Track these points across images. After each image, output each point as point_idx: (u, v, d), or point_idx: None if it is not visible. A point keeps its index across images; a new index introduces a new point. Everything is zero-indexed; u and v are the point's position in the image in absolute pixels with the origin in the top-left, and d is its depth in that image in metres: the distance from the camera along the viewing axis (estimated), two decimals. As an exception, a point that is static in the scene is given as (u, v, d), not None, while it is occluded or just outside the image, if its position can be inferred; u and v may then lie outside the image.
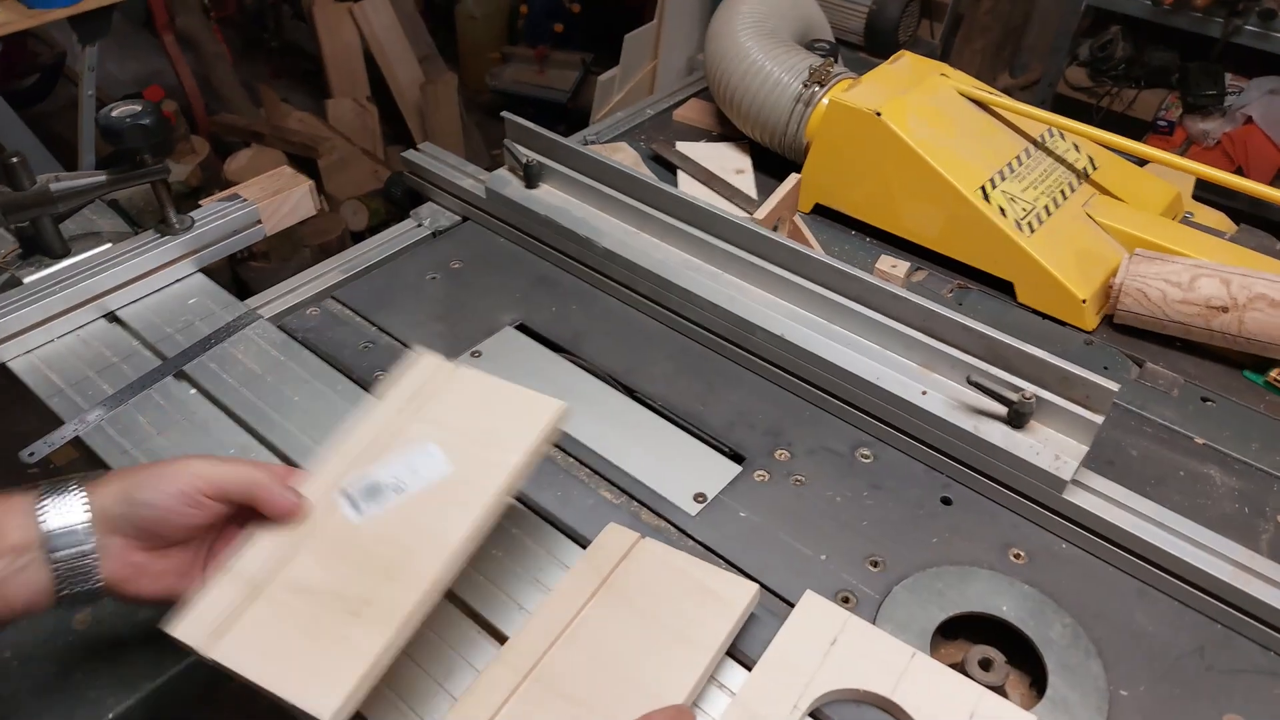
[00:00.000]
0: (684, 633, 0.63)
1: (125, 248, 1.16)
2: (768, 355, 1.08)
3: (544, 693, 0.69)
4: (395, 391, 0.82)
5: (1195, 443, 1.05)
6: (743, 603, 0.71)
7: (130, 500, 0.66)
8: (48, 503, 0.65)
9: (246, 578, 0.69)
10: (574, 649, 0.72)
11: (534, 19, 3.79)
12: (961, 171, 1.24)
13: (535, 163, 1.26)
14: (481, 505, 0.72)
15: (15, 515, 0.64)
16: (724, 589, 0.70)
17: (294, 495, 0.72)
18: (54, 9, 2.16)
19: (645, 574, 0.76)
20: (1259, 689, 0.80)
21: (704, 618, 0.65)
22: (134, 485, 0.67)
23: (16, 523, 0.63)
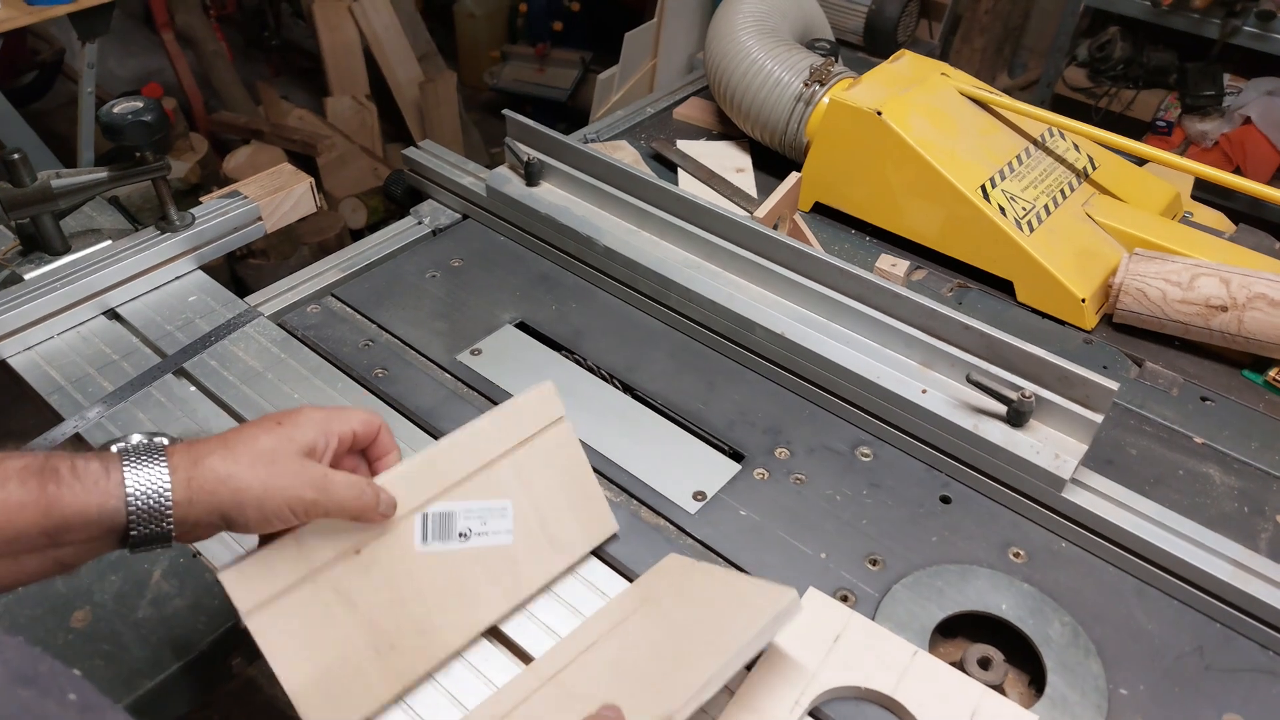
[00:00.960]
0: (712, 640, 0.63)
1: (125, 245, 1.16)
2: (768, 354, 1.08)
3: (558, 694, 0.69)
4: (509, 423, 0.80)
5: (1195, 442, 1.05)
6: (773, 608, 0.68)
7: (229, 521, 0.62)
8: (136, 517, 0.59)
9: (307, 553, 0.67)
10: (598, 656, 0.72)
11: (533, 17, 3.79)
12: (962, 171, 1.24)
13: (536, 161, 1.26)
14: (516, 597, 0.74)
15: (90, 513, 0.58)
16: (759, 596, 0.68)
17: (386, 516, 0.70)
18: (54, 6, 2.15)
19: (689, 590, 0.75)
20: (1258, 688, 0.80)
21: (733, 625, 0.64)
22: (235, 507, 0.62)
23: (91, 520, 0.59)
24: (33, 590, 0.82)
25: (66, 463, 0.59)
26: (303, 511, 0.64)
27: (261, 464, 0.63)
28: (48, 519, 0.57)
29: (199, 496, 0.60)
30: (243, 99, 3.32)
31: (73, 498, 0.58)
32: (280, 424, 0.66)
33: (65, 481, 0.58)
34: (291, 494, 0.63)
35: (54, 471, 0.58)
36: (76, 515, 0.58)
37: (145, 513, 0.59)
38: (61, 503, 0.57)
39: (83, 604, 0.82)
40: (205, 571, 0.84)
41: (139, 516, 0.59)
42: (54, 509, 0.57)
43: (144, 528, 0.59)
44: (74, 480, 0.58)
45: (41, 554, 0.58)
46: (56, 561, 0.59)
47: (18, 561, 0.57)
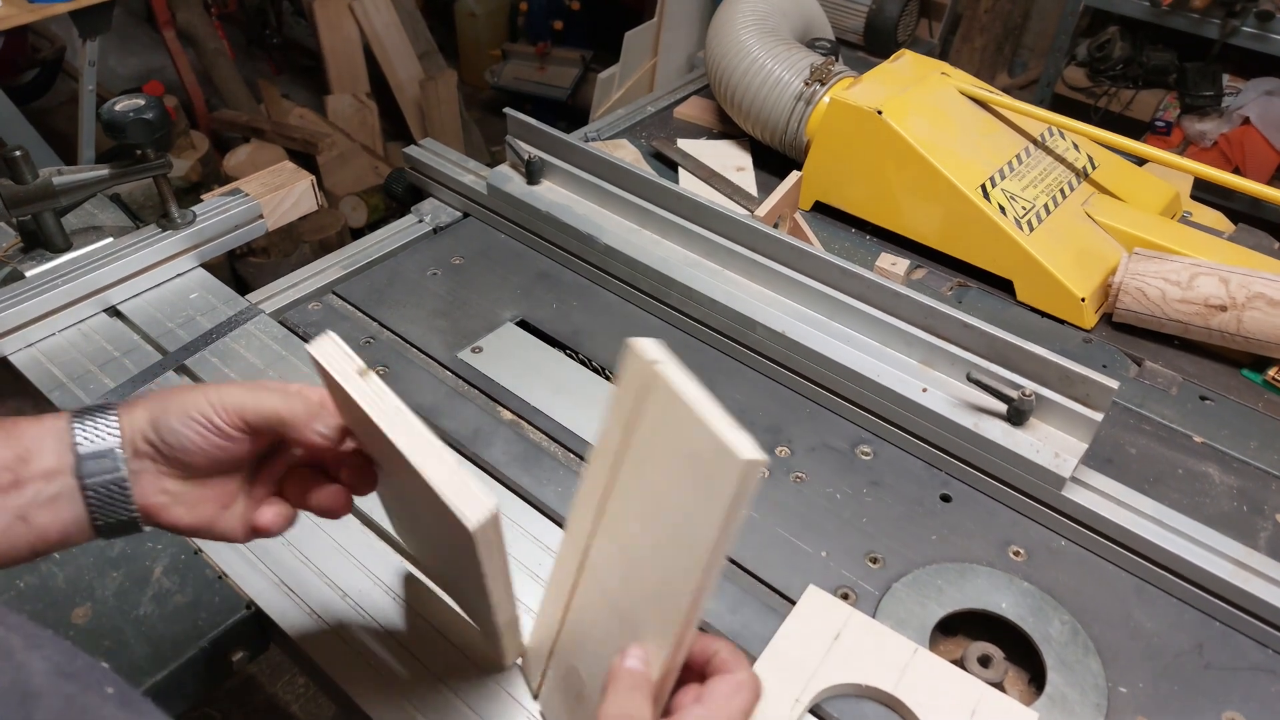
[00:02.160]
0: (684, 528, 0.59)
1: (127, 242, 1.16)
2: (768, 352, 1.08)
3: (592, 590, 0.66)
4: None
5: (1194, 441, 1.05)
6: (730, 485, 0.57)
7: (156, 426, 0.62)
8: (80, 426, 0.61)
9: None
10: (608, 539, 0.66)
11: (534, 16, 3.79)
12: (962, 170, 1.24)
13: (537, 159, 1.26)
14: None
15: (48, 438, 0.60)
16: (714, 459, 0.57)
17: (321, 437, 0.64)
18: (55, 4, 2.16)
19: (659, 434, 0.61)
20: (1257, 686, 0.80)
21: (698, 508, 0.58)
22: (161, 410, 0.62)
23: (49, 446, 0.60)
24: (33, 586, 0.83)
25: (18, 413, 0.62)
26: (220, 407, 0.62)
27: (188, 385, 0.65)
28: (8, 446, 0.58)
29: (135, 408, 0.62)
30: (244, 97, 3.32)
31: (30, 424, 0.60)
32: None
33: (25, 419, 0.60)
34: (209, 392, 0.62)
35: (14, 417, 0.60)
36: (34, 440, 0.59)
37: (89, 418, 0.61)
38: (19, 428, 0.60)
39: (84, 600, 0.82)
40: (206, 568, 0.85)
41: (83, 426, 0.60)
42: (13, 435, 0.59)
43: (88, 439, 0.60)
44: (32, 418, 0.61)
45: (4, 501, 0.58)
46: (19, 514, 0.58)
47: None
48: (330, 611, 0.81)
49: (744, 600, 0.84)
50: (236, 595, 0.82)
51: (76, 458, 0.60)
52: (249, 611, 0.81)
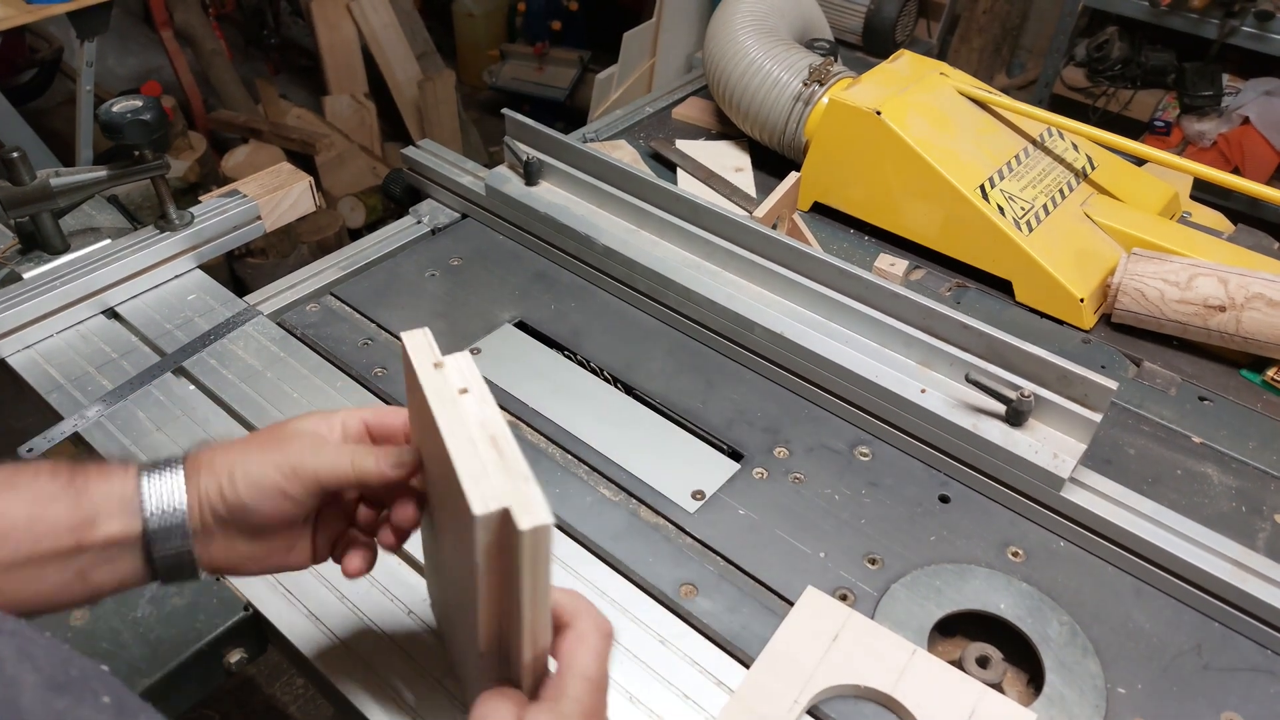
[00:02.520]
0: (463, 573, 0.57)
1: (124, 243, 1.16)
2: (767, 353, 1.08)
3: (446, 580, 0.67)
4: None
5: (1193, 441, 1.05)
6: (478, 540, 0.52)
7: (225, 498, 0.61)
8: (149, 495, 0.59)
9: None
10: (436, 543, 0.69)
11: (532, 16, 3.79)
12: (960, 170, 1.24)
13: (535, 160, 1.26)
14: None
15: (114, 502, 0.58)
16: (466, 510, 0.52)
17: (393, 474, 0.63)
18: (53, 4, 2.15)
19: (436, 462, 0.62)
20: (1256, 687, 0.80)
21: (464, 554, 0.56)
22: (229, 479, 0.61)
23: (115, 511, 0.58)
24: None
25: (91, 462, 0.60)
26: (291, 473, 0.61)
27: (251, 441, 0.63)
28: (78, 509, 0.57)
29: (202, 473, 0.61)
30: (241, 98, 3.32)
31: (99, 485, 0.58)
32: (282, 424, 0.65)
33: (93, 474, 0.59)
34: (277, 457, 0.61)
35: (81, 466, 0.59)
36: (101, 504, 0.58)
37: (158, 494, 0.59)
38: (90, 489, 0.58)
39: (82, 602, 0.82)
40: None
41: (152, 499, 0.59)
42: (83, 497, 0.57)
43: (159, 516, 0.59)
44: (99, 473, 0.59)
45: (66, 559, 0.57)
46: (80, 574, 0.57)
47: (41, 570, 0.56)
48: (328, 613, 0.81)
49: (742, 601, 0.84)
50: (234, 597, 0.82)
51: (145, 529, 0.59)
52: (247, 613, 0.81)
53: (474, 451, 0.54)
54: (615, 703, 0.75)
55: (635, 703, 0.75)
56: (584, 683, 0.56)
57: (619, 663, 0.78)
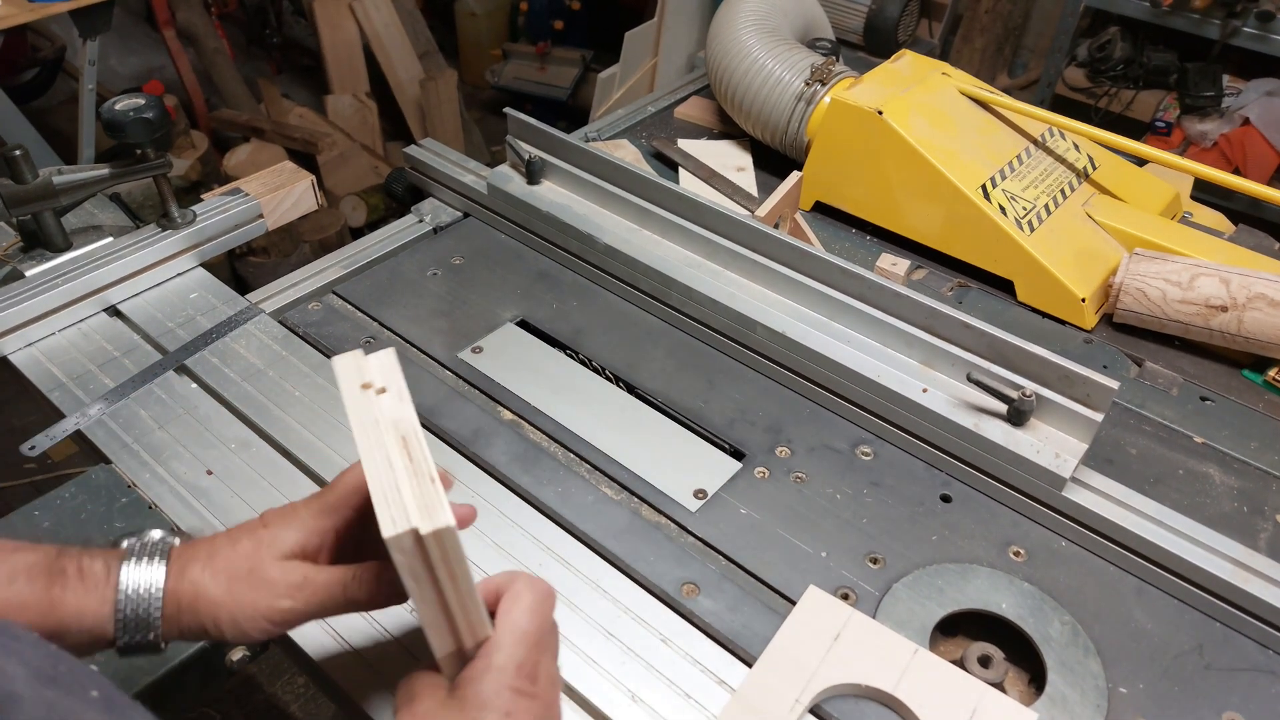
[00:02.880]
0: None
1: (126, 242, 1.16)
2: (768, 352, 1.08)
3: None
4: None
5: (1194, 441, 1.05)
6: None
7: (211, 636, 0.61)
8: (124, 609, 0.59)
9: None
10: None
11: (534, 16, 3.79)
12: (962, 170, 1.24)
13: (537, 159, 1.26)
14: None
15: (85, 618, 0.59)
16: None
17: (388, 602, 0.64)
18: (55, 3, 2.16)
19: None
20: (1258, 687, 0.80)
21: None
22: (214, 625, 0.60)
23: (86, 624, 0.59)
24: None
25: (74, 563, 0.59)
26: (281, 621, 0.61)
27: (236, 578, 0.61)
28: (46, 621, 0.57)
29: (182, 611, 0.60)
30: (244, 96, 3.32)
31: (74, 600, 0.58)
32: (266, 525, 0.64)
33: (70, 584, 0.59)
34: (264, 606, 0.60)
35: (61, 573, 0.59)
36: (74, 619, 0.58)
37: (132, 622, 0.59)
38: (64, 605, 0.58)
39: (84, 600, 0.82)
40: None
41: (125, 627, 0.59)
42: (54, 612, 0.58)
43: (130, 637, 0.59)
44: (78, 583, 0.59)
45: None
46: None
47: None
48: (330, 611, 0.80)
49: (744, 600, 0.84)
50: (236, 595, 0.82)
51: (115, 640, 0.60)
52: (249, 611, 0.81)
53: (388, 466, 0.56)
54: (616, 702, 0.75)
55: (637, 701, 0.75)
56: (516, 635, 0.58)
57: (620, 661, 0.78)
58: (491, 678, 0.56)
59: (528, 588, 0.61)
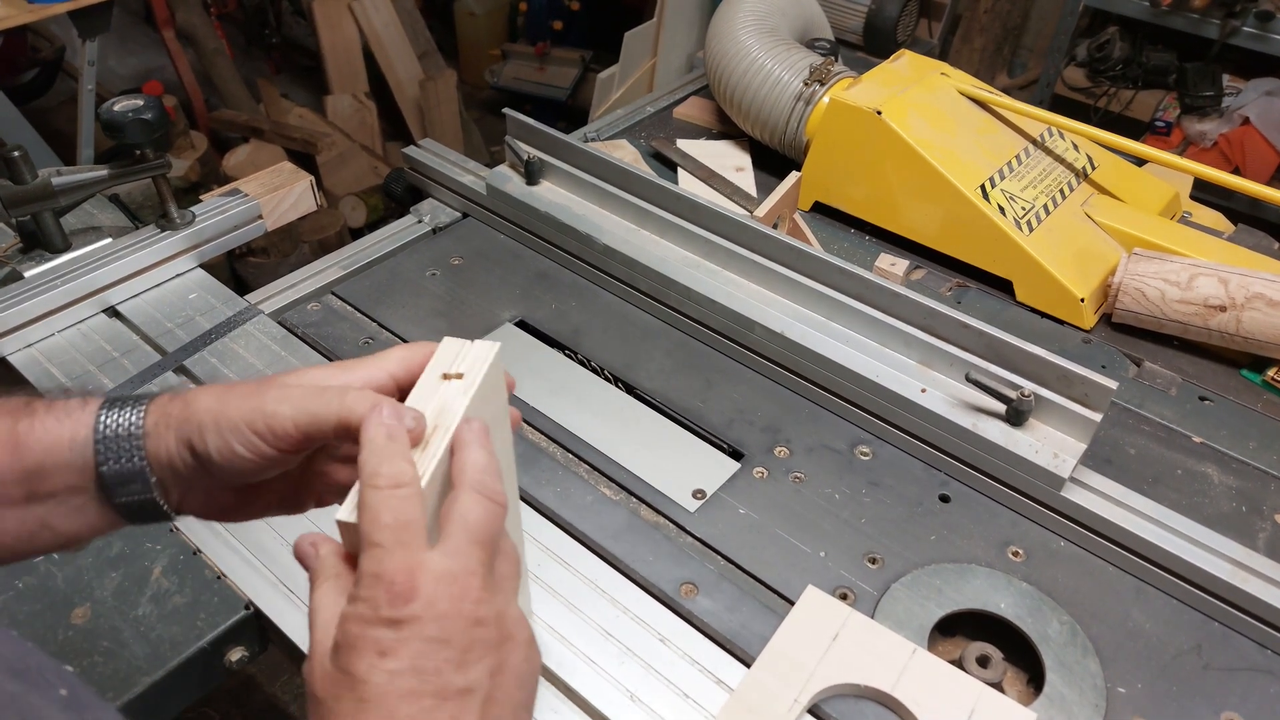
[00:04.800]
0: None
1: (126, 242, 1.16)
2: (767, 352, 1.08)
3: None
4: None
5: (1193, 441, 1.05)
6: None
7: (196, 453, 0.54)
8: (103, 445, 0.53)
9: None
10: None
11: (533, 16, 3.79)
12: (961, 170, 1.24)
13: (536, 159, 1.26)
14: None
15: (63, 452, 0.53)
16: None
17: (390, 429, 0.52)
18: (54, 4, 2.16)
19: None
20: (1256, 687, 0.80)
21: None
22: (199, 435, 0.53)
23: (66, 462, 0.53)
24: (32, 586, 0.83)
25: (46, 402, 0.54)
26: (265, 428, 0.52)
27: (229, 391, 0.55)
28: (18, 459, 0.52)
29: (168, 424, 0.54)
30: (243, 97, 3.32)
31: (44, 433, 0.53)
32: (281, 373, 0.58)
33: (39, 417, 0.53)
34: (250, 406, 0.53)
35: (29, 409, 0.53)
36: (48, 453, 0.53)
37: (113, 441, 0.53)
38: (32, 437, 0.53)
39: (83, 601, 0.82)
40: (205, 569, 0.85)
41: (106, 446, 0.53)
42: (23, 447, 0.53)
43: (114, 462, 0.53)
44: (47, 415, 0.53)
45: (22, 509, 0.53)
46: (42, 522, 0.54)
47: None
48: (329, 612, 0.80)
49: (742, 600, 0.84)
50: (235, 595, 0.82)
51: (100, 479, 0.54)
52: (248, 612, 0.82)
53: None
54: (616, 701, 0.75)
55: (636, 701, 0.75)
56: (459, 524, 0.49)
57: (619, 661, 0.78)
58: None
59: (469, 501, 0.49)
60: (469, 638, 0.46)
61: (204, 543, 0.86)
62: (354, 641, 0.44)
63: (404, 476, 0.47)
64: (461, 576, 0.46)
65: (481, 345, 0.58)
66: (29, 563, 0.84)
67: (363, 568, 0.46)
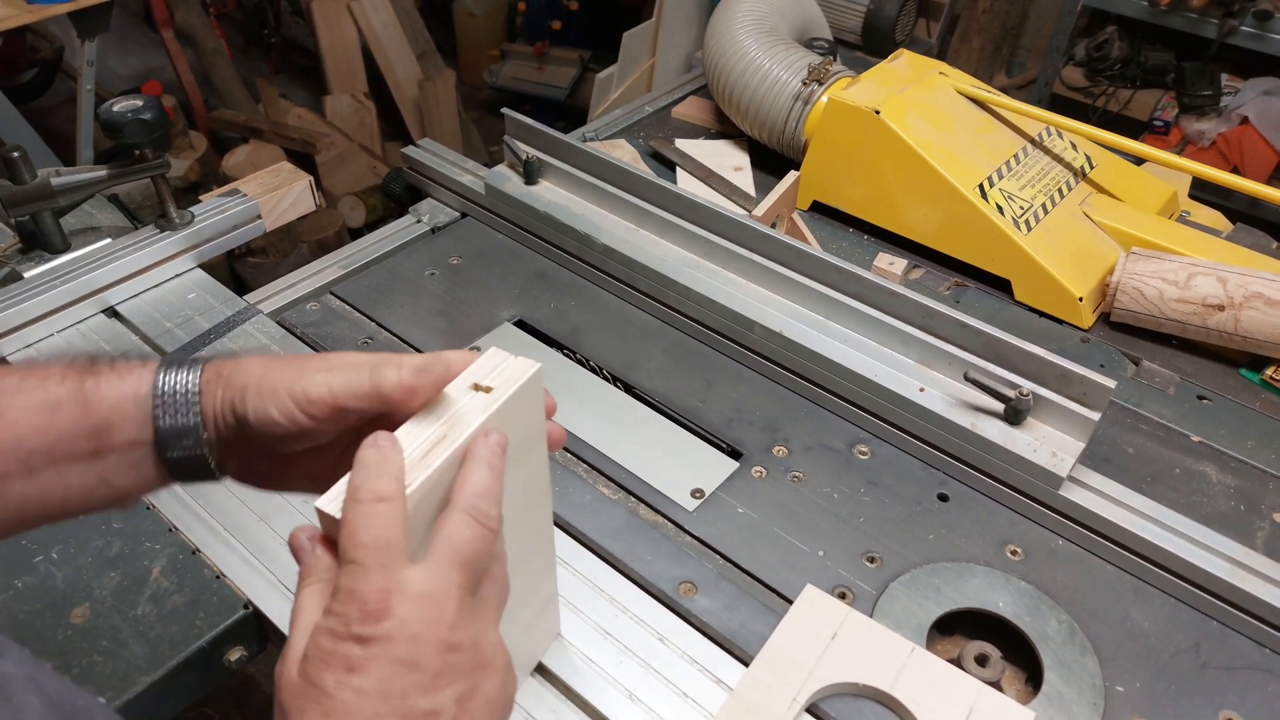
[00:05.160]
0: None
1: (125, 242, 1.16)
2: (766, 352, 1.08)
3: None
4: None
5: (1191, 440, 1.05)
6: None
7: (237, 416, 0.57)
8: (161, 401, 0.57)
9: None
10: None
11: (532, 16, 3.79)
12: (959, 169, 1.24)
13: (535, 159, 1.26)
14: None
15: (129, 407, 0.57)
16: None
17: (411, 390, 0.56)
18: (53, 4, 2.16)
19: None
20: (1254, 685, 0.81)
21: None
22: (240, 398, 0.57)
23: (130, 417, 0.56)
24: (32, 586, 0.83)
25: (108, 363, 0.58)
26: (303, 397, 0.55)
27: (278, 359, 0.59)
28: (87, 416, 0.56)
29: (219, 384, 0.58)
30: (242, 97, 3.32)
31: (110, 390, 0.57)
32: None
33: (104, 375, 0.57)
34: (292, 373, 0.56)
35: (94, 369, 0.57)
36: (114, 409, 0.56)
37: (170, 397, 0.57)
38: (99, 394, 0.56)
39: (82, 600, 0.82)
40: (204, 568, 0.85)
41: (165, 402, 0.57)
42: (91, 404, 0.56)
43: (171, 418, 0.57)
44: (111, 374, 0.57)
45: (86, 464, 0.56)
46: (101, 478, 0.57)
47: (61, 475, 0.55)
48: (328, 611, 0.80)
49: (741, 599, 0.84)
50: (235, 595, 0.83)
51: (157, 434, 0.57)
52: (247, 611, 0.82)
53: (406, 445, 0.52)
54: (615, 701, 0.75)
55: (634, 701, 0.75)
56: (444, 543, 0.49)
57: (618, 661, 0.78)
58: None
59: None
60: (440, 662, 0.46)
61: (203, 542, 0.86)
62: (324, 655, 0.45)
63: (386, 492, 0.48)
64: (439, 599, 0.47)
65: (520, 362, 0.58)
66: (28, 562, 0.84)
67: (340, 582, 0.46)
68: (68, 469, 0.56)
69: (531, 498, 0.64)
